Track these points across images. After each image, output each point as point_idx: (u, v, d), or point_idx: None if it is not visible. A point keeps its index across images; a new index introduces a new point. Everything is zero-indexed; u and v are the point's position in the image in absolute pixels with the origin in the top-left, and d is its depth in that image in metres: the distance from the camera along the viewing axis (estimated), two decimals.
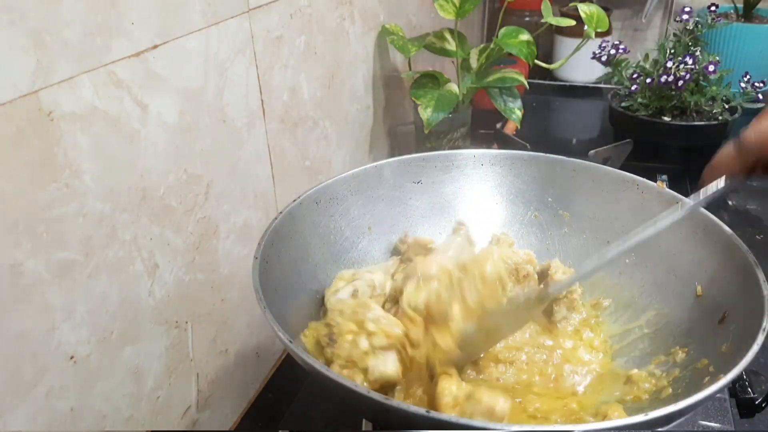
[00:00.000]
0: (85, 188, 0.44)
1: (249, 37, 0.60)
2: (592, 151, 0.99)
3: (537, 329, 0.60)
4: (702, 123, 1.06)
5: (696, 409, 0.44)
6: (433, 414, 0.37)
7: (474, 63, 0.94)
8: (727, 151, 0.47)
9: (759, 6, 1.34)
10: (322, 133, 0.78)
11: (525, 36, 0.89)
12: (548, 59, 1.44)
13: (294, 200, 0.58)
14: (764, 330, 0.43)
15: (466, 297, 0.51)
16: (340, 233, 0.62)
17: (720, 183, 0.47)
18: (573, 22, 0.94)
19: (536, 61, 0.90)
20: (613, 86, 1.18)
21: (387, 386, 0.49)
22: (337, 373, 0.44)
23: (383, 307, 0.56)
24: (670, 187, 0.62)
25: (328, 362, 0.49)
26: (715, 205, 0.49)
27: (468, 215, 0.68)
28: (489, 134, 1.14)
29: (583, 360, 0.57)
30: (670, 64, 1.05)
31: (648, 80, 1.07)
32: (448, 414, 0.43)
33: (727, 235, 0.54)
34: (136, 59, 0.47)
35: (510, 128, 1.14)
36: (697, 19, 1.09)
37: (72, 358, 0.45)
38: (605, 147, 1.03)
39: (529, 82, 0.97)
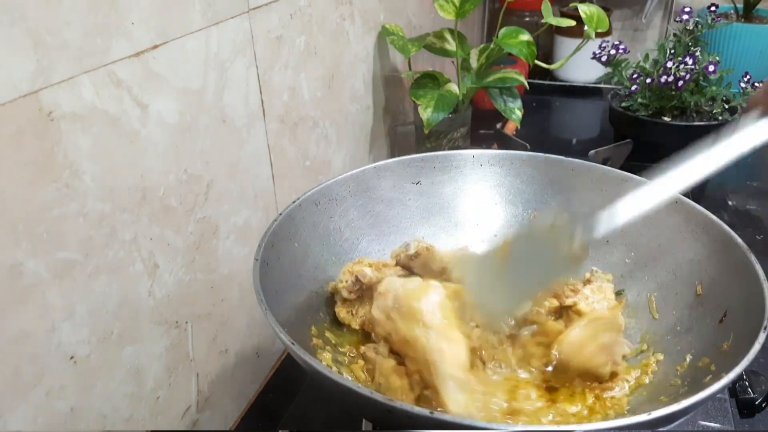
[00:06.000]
0: (85, 188, 0.44)
1: (249, 37, 0.60)
2: (592, 151, 0.99)
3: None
4: (702, 123, 1.06)
5: (698, 409, 0.44)
6: (437, 414, 0.36)
7: (474, 63, 0.94)
8: None
9: (759, 6, 1.34)
10: (322, 133, 0.78)
11: (525, 36, 0.89)
12: (548, 59, 1.44)
13: (293, 201, 0.58)
14: (765, 328, 0.43)
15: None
16: (340, 234, 0.62)
17: None
18: (573, 23, 0.94)
19: (536, 61, 0.90)
20: (613, 86, 1.18)
21: None
22: (337, 373, 0.44)
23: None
24: None
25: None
26: (715, 205, 0.49)
27: (467, 216, 0.68)
28: (489, 134, 1.14)
29: None
30: (670, 64, 1.05)
31: (648, 80, 1.07)
32: (452, 415, 0.43)
33: (727, 234, 0.54)
34: (136, 59, 0.47)
35: (510, 128, 1.14)
36: (697, 19, 1.09)
37: (72, 358, 0.44)
38: (605, 147, 1.03)
39: (529, 82, 0.97)
